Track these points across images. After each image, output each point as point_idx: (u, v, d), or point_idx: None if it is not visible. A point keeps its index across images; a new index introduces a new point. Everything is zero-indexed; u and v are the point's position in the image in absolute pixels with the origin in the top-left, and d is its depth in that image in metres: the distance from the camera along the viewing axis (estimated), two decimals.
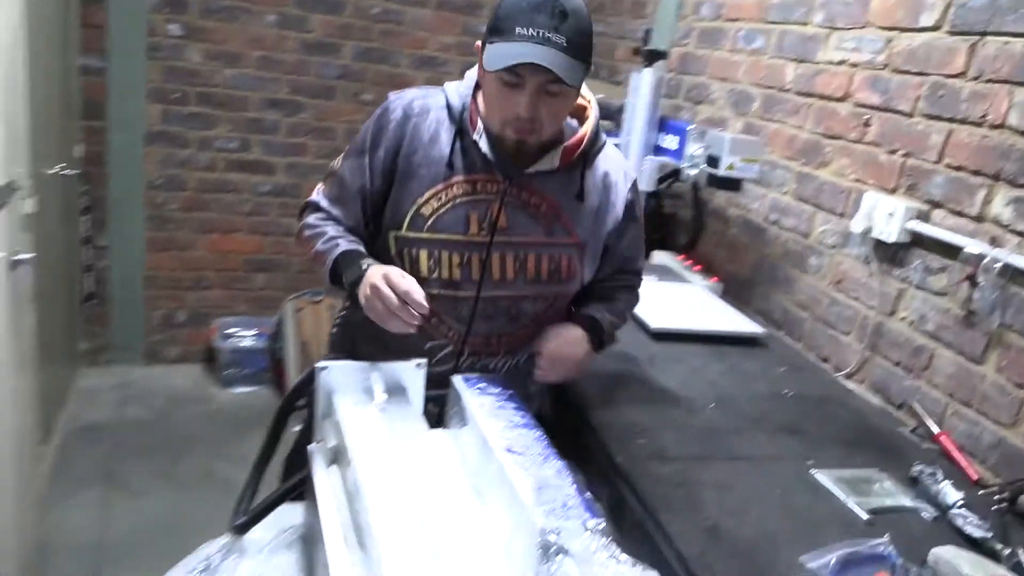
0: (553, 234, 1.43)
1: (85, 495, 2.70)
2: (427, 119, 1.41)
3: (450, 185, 1.40)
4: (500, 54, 1.24)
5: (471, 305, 1.43)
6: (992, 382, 1.57)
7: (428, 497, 1.07)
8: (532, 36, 1.22)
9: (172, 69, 3.25)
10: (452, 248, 1.40)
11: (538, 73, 1.24)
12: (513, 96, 1.28)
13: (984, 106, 1.62)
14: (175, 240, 3.49)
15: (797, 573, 1.13)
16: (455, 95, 1.42)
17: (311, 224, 1.49)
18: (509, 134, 1.34)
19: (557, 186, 1.43)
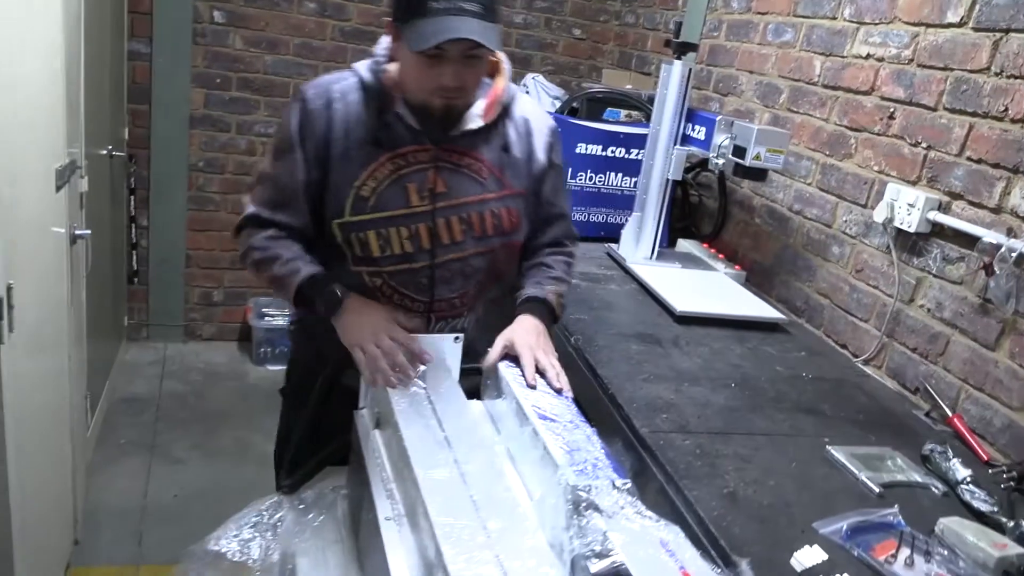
0: (491, 189, 1.48)
1: (128, 462, 2.84)
2: (346, 102, 1.42)
3: (383, 163, 1.42)
4: (423, 33, 1.27)
5: (428, 273, 1.46)
6: (1005, 368, 1.63)
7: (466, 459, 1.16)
8: (448, 8, 1.25)
9: (215, 55, 3.37)
10: (398, 223, 1.43)
11: (460, 44, 1.28)
12: (436, 68, 1.31)
13: (1005, 101, 1.67)
14: (214, 221, 3.62)
15: (810, 537, 1.20)
16: (367, 73, 1.44)
17: (259, 247, 1.45)
18: (436, 103, 1.37)
19: (484, 142, 1.47)
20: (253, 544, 1.38)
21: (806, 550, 1.16)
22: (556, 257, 1.64)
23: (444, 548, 0.95)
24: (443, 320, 1.52)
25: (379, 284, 1.46)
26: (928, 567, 1.16)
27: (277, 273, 1.43)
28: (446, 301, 1.50)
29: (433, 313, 1.50)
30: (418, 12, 1.27)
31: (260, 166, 1.52)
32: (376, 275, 1.46)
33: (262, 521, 1.42)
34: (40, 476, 1.83)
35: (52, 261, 1.83)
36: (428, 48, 1.28)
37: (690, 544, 1.00)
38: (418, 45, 1.28)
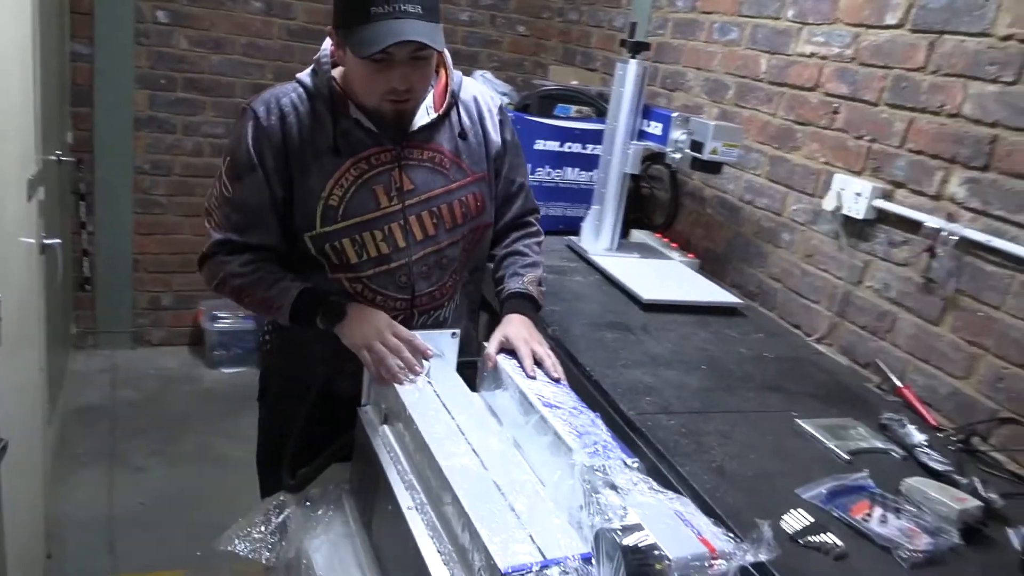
0: (455, 179, 1.51)
1: (88, 473, 2.80)
2: (299, 114, 1.42)
3: (346, 170, 1.43)
4: (366, 39, 1.28)
5: (407, 271, 1.49)
6: (948, 341, 1.79)
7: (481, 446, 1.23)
8: (389, 12, 1.26)
9: (160, 55, 3.31)
10: (371, 227, 1.45)
11: (406, 46, 1.30)
12: (384, 72, 1.33)
13: (942, 97, 1.82)
14: (161, 224, 3.56)
15: (794, 502, 1.32)
16: (311, 83, 1.45)
17: (238, 273, 1.45)
18: (387, 107, 1.39)
19: (440, 133, 1.50)
20: (265, 543, 1.41)
21: (793, 514, 1.27)
22: (525, 241, 1.69)
23: (481, 531, 1.02)
24: (425, 314, 1.55)
25: (359, 289, 1.49)
26: (899, 523, 1.29)
27: (265, 295, 1.44)
28: (427, 295, 1.53)
29: (415, 308, 1.53)
30: (360, 19, 1.28)
31: (214, 189, 1.47)
32: (355, 281, 1.48)
33: (271, 521, 1.45)
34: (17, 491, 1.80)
35: (26, 272, 1.81)
36: (374, 53, 1.28)
37: (702, 514, 1.10)
38: (363, 51, 1.29)
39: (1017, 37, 1.66)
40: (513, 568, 0.96)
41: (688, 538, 1.03)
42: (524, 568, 0.96)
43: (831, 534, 1.23)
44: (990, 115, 1.71)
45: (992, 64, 1.71)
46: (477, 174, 1.56)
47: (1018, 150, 1.65)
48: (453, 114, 1.53)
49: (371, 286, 1.49)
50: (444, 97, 1.51)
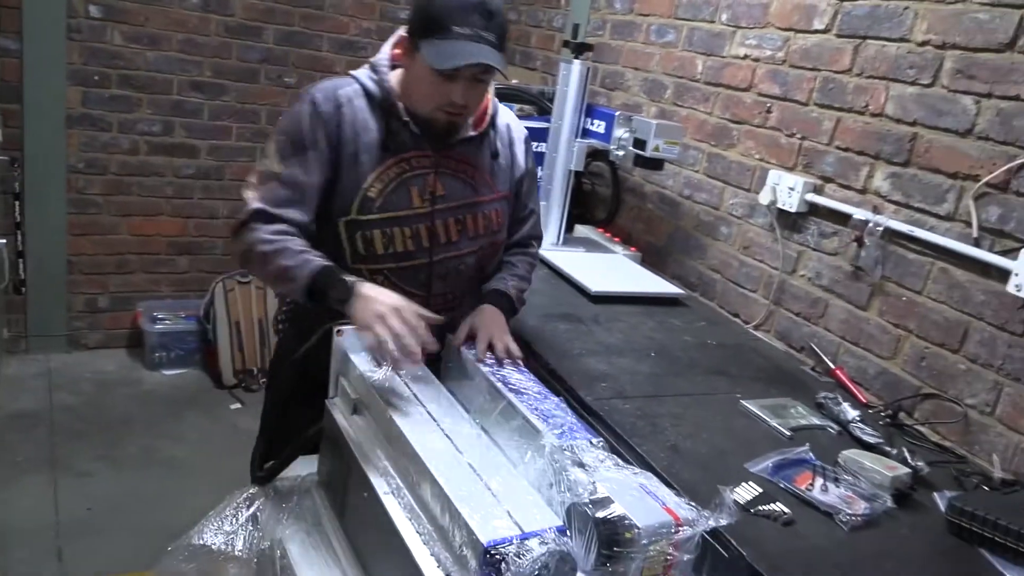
0: (482, 193, 1.61)
1: (31, 480, 2.72)
2: (353, 107, 1.51)
3: (389, 166, 1.52)
4: (445, 53, 1.39)
5: (427, 271, 1.57)
6: (875, 324, 1.93)
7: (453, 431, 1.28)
8: (470, 35, 1.38)
9: (92, 51, 3.23)
10: (401, 223, 1.53)
11: (474, 67, 1.41)
12: (446, 85, 1.43)
13: (866, 98, 1.96)
14: (97, 224, 3.48)
15: (745, 476, 1.42)
16: (369, 82, 1.53)
17: (266, 239, 1.45)
18: (440, 116, 1.49)
19: (475, 149, 1.61)
20: (237, 536, 1.43)
21: (744, 486, 1.37)
22: (521, 258, 1.78)
23: (461, 509, 1.07)
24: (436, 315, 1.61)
25: (379, 281, 1.54)
26: (839, 490, 1.40)
27: (286, 264, 1.44)
28: (441, 296, 1.61)
29: (429, 307, 1.56)
30: (440, 33, 1.39)
31: (262, 166, 1.51)
32: (377, 272, 1.54)
33: (240, 513, 1.47)
34: None
35: None
36: (448, 68, 1.39)
37: (664, 486, 1.18)
38: (440, 64, 1.39)
39: (933, 43, 1.81)
40: (495, 542, 1.02)
41: (654, 508, 1.11)
42: (505, 541, 1.02)
43: (779, 503, 1.33)
44: (910, 115, 1.86)
45: (911, 67, 1.85)
46: (502, 192, 1.66)
47: (935, 147, 1.80)
48: (489, 134, 1.64)
49: (391, 279, 1.56)
50: (484, 119, 1.61)
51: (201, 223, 3.69)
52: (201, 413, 3.32)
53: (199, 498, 2.73)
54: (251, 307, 3.59)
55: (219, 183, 3.65)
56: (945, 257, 1.77)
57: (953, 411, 1.73)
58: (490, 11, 1.41)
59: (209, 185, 3.64)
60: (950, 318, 1.75)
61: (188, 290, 3.75)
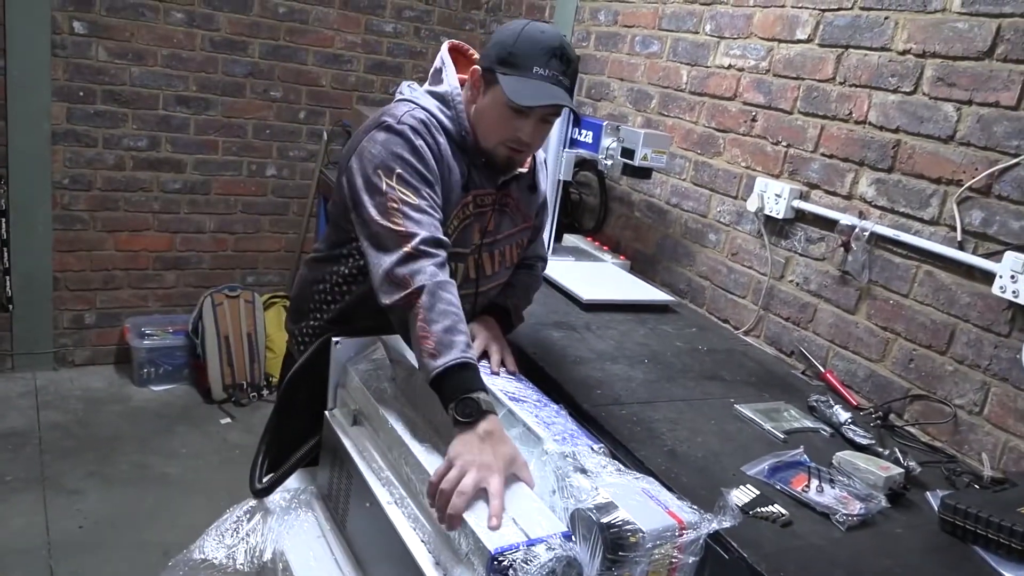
0: (518, 224, 1.67)
1: (21, 499, 2.70)
2: (438, 142, 1.47)
3: (466, 204, 1.53)
4: (526, 90, 1.38)
5: (472, 300, 1.61)
6: (863, 327, 1.97)
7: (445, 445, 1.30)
8: (549, 77, 1.40)
9: (77, 67, 3.22)
10: (460, 259, 1.56)
11: (546, 107, 1.42)
12: (516, 121, 1.44)
13: (849, 106, 2.00)
14: (82, 240, 3.46)
15: (741, 479, 1.44)
16: (445, 118, 1.50)
17: (436, 294, 1.30)
18: (502, 151, 1.49)
19: (518, 184, 1.65)
20: (238, 549, 1.43)
21: (742, 489, 1.39)
22: (523, 277, 1.80)
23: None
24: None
25: None
26: (834, 491, 1.43)
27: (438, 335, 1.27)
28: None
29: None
30: (522, 72, 1.40)
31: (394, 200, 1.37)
32: None
33: (241, 527, 1.47)
34: None
35: None
36: (528, 105, 1.39)
37: (666, 490, 1.20)
38: (520, 100, 1.38)
39: (913, 52, 1.85)
40: (502, 549, 1.03)
41: (657, 512, 1.12)
42: (512, 548, 1.03)
43: (777, 505, 1.35)
44: (892, 122, 1.90)
45: (893, 76, 1.90)
46: (531, 220, 1.71)
47: (918, 153, 1.84)
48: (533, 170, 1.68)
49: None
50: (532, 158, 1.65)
51: (188, 237, 3.68)
52: (191, 428, 3.30)
53: (192, 514, 2.75)
54: (240, 321, 3.58)
55: (205, 197, 3.65)
56: (931, 260, 1.80)
57: (942, 411, 1.77)
58: (569, 58, 1.43)
59: (195, 199, 3.63)
60: (937, 320, 1.79)
61: (175, 305, 3.74)
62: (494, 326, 1.62)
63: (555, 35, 1.44)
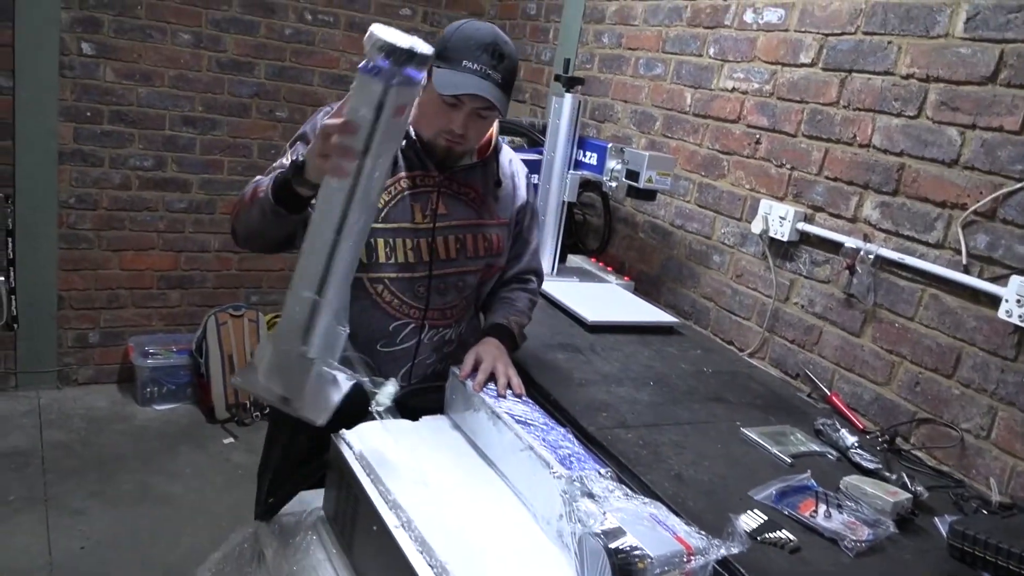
0: (483, 216, 1.69)
1: (24, 518, 2.69)
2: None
3: (397, 180, 1.59)
4: (450, 81, 1.47)
5: (426, 283, 1.62)
6: (869, 350, 1.96)
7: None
8: (477, 71, 1.47)
9: (85, 87, 3.25)
10: (404, 235, 1.60)
11: (476, 100, 1.49)
12: (450, 114, 1.52)
13: (853, 129, 2.01)
14: (87, 259, 3.47)
15: (748, 503, 1.43)
16: None
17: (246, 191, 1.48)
18: (440, 143, 1.57)
19: (478, 177, 1.69)
20: (244, 573, 1.43)
21: (749, 514, 1.39)
22: (520, 294, 1.83)
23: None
24: (434, 329, 1.67)
25: (379, 290, 1.59)
26: (842, 516, 1.42)
27: (262, 184, 1.43)
28: (438, 311, 1.66)
29: (426, 320, 1.65)
30: (452, 64, 1.48)
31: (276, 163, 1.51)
32: (377, 281, 1.59)
33: (247, 549, 1.47)
34: None
35: None
36: (450, 95, 1.48)
37: (674, 515, 1.20)
38: (444, 89, 1.48)
39: (917, 76, 1.86)
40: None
41: (666, 538, 1.12)
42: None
43: (785, 531, 1.35)
44: (897, 145, 1.91)
45: (896, 100, 1.91)
46: (502, 219, 1.73)
47: (923, 176, 1.85)
48: (491, 165, 1.72)
49: (391, 287, 1.60)
50: (488, 150, 1.70)
51: (192, 257, 3.69)
52: (194, 448, 3.29)
53: (195, 534, 2.74)
54: (244, 340, 3.58)
55: (210, 217, 3.66)
56: (936, 284, 1.81)
57: (949, 435, 1.76)
58: (501, 54, 1.50)
59: (200, 219, 3.65)
60: (943, 344, 1.79)
61: (179, 324, 3.74)
62: (499, 347, 1.63)
63: (489, 31, 1.51)
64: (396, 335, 1.63)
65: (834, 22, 2.08)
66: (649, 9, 2.83)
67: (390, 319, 1.62)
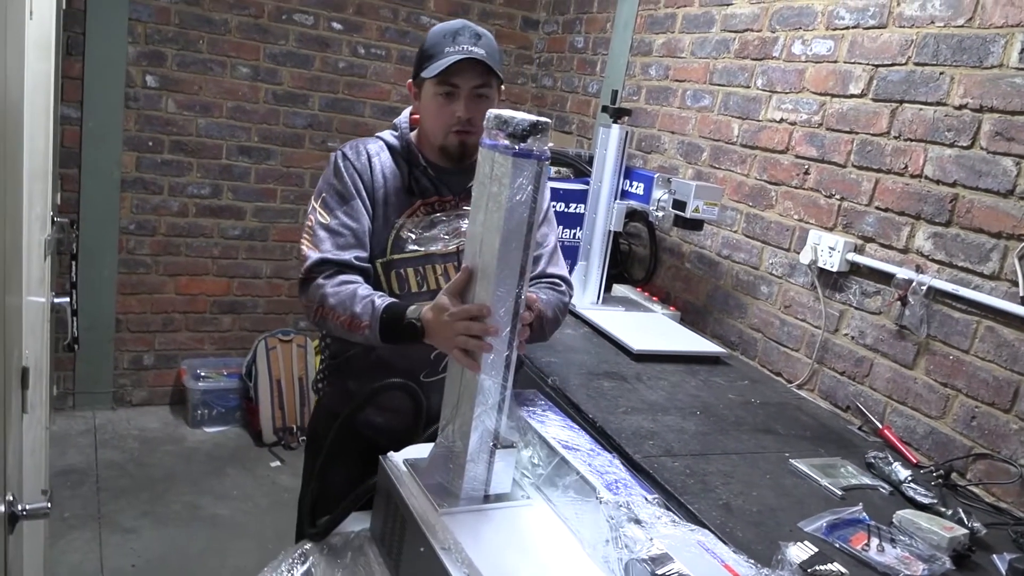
0: None
1: (76, 536, 2.76)
2: (380, 158, 1.65)
3: (416, 208, 1.64)
4: (440, 65, 1.52)
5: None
6: (923, 383, 1.93)
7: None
8: (460, 50, 1.52)
9: (148, 118, 3.38)
10: (432, 261, 1.64)
11: (470, 77, 1.53)
12: (451, 104, 1.56)
13: (904, 159, 2.00)
14: (144, 283, 3.58)
15: (798, 535, 1.41)
16: (391, 138, 1.68)
17: (332, 292, 1.51)
18: (452, 140, 1.60)
19: None
20: None
21: (799, 546, 1.36)
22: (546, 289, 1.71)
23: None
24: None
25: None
26: (895, 551, 1.39)
27: (355, 311, 1.48)
28: None
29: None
30: (436, 57, 1.54)
31: (312, 223, 1.59)
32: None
33: (295, 569, 1.49)
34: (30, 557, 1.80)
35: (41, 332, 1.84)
36: (441, 73, 1.51)
37: (721, 543, 1.19)
38: (434, 72, 1.52)
39: (970, 106, 1.85)
40: None
41: (714, 566, 1.11)
42: None
43: (836, 564, 1.32)
44: (949, 176, 1.89)
45: (949, 130, 1.89)
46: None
47: (977, 207, 1.82)
48: None
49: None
50: None
51: (245, 282, 3.79)
52: (242, 471, 3.35)
53: (241, 556, 2.78)
54: (292, 365, 3.64)
55: (263, 244, 3.76)
56: (992, 316, 1.77)
57: (1007, 472, 1.71)
58: (476, 33, 1.57)
59: (254, 246, 3.75)
60: (1000, 377, 1.75)
61: (230, 348, 3.83)
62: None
63: (458, 21, 1.59)
64: (438, 363, 1.63)
65: (884, 53, 2.08)
66: (696, 42, 2.85)
67: (430, 347, 1.57)
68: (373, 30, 3.72)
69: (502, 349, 1.27)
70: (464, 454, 1.28)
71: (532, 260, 1.74)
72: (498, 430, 1.30)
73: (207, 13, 3.39)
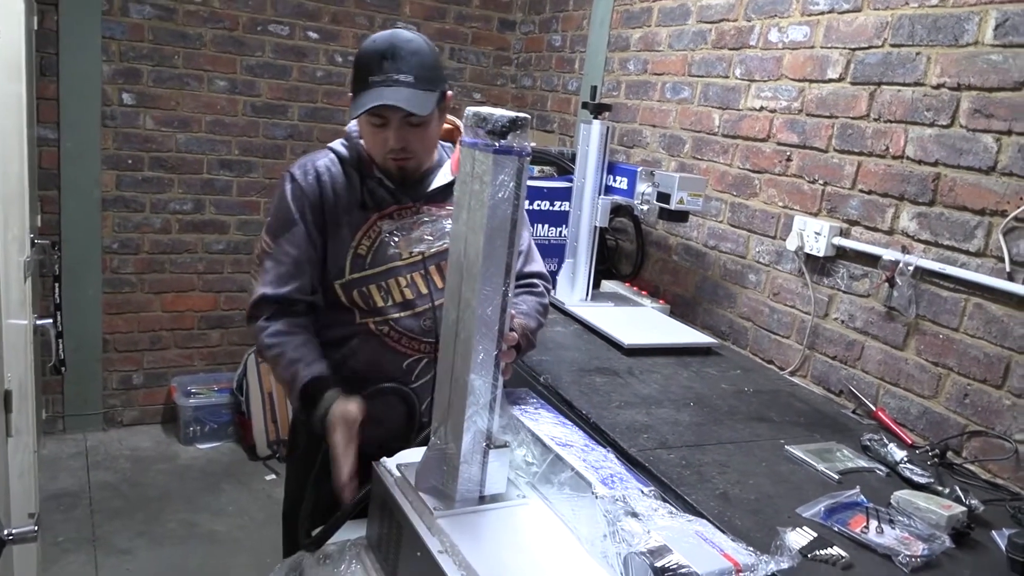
0: None
1: (71, 560, 2.73)
2: (331, 174, 1.58)
3: (373, 223, 1.58)
4: (359, 103, 1.46)
5: (431, 315, 1.60)
6: (914, 363, 1.92)
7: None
8: (382, 81, 1.45)
9: (126, 136, 3.36)
10: (395, 274, 1.59)
11: (394, 111, 1.47)
12: (382, 133, 1.51)
13: (885, 141, 2.00)
14: (130, 302, 3.55)
15: (797, 521, 1.40)
16: (342, 148, 1.62)
17: (268, 344, 1.55)
18: (390, 164, 1.56)
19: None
20: None
21: (798, 531, 1.36)
22: (525, 296, 1.73)
23: None
24: None
25: (386, 331, 1.59)
26: (895, 532, 1.38)
27: (282, 375, 1.54)
28: None
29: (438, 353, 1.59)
30: (362, 86, 1.48)
31: (258, 251, 1.61)
32: (383, 323, 1.59)
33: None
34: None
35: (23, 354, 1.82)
36: (360, 114, 1.46)
37: (719, 532, 1.18)
38: (355, 112, 1.48)
39: (948, 85, 1.85)
40: None
41: (713, 555, 1.10)
42: None
43: (836, 547, 1.31)
44: (931, 155, 1.89)
45: (928, 110, 1.89)
46: None
47: (959, 185, 1.82)
48: None
49: (397, 328, 1.60)
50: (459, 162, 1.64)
51: (232, 296, 3.76)
52: (237, 485, 3.32)
53: (239, 571, 2.75)
54: None
55: (248, 257, 3.74)
56: (979, 293, 1.77)
57: (1002, 447, 1.71)
58: (398, 55, 1.46)
59: (239, 259, 3.72)
60: (990, 353, 1.75)
61: (220, 363, 3.80)
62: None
63: (384, 39, 1.49)
64: (411, 372, 1.62)
65: (860, 36, 2.08)
66: (673, 34, 2.85)
67: (402, 357, 1.61)
68: (350, 38, 3.70)
69: (491, 348, 1.26)
70: (457, 456, 1.27)
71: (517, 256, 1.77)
72: (491, 430, 1.28)
73: (181, 28, 3.37)
